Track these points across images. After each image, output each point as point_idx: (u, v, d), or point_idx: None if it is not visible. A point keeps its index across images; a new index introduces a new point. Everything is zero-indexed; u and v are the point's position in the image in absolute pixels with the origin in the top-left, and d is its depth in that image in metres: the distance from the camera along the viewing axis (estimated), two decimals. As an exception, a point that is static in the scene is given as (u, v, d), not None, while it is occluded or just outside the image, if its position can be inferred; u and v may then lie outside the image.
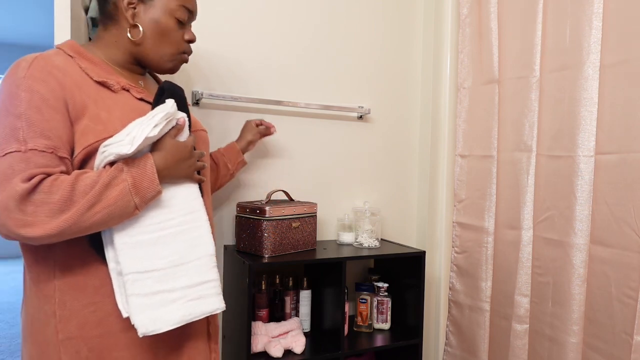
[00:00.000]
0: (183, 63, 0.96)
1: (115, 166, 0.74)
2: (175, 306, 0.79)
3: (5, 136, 0.71)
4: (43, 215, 0.69)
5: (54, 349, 0.77)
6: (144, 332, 0.75)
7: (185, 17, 0.91)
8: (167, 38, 0.90)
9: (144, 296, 0.76)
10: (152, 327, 0.76)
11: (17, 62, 0.76)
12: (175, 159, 0.81)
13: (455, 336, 1.76)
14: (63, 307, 0.77)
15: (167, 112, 0.78)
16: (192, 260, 0.82)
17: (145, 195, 0.76)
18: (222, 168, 1.38)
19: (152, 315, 0.76)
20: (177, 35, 0.91)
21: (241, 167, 1.45)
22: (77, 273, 0.78)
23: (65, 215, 0.70)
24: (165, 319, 0.77)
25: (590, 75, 1.28)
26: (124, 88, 0.85)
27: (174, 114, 0.81)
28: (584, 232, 1.30)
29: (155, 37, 0.88)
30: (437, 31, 1.83)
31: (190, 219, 0.84)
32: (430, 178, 1.85)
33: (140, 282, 0.76)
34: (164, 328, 0.77)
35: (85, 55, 0.83)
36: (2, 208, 0.68)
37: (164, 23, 0.88)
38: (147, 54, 0.90)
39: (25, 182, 0.69)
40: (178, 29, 0.91)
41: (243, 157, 1.43)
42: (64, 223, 0.70)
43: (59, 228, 0.69)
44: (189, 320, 0.80)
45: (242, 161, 1.43)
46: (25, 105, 0.72)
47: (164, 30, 0.89)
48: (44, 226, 0.69)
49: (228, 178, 1.42)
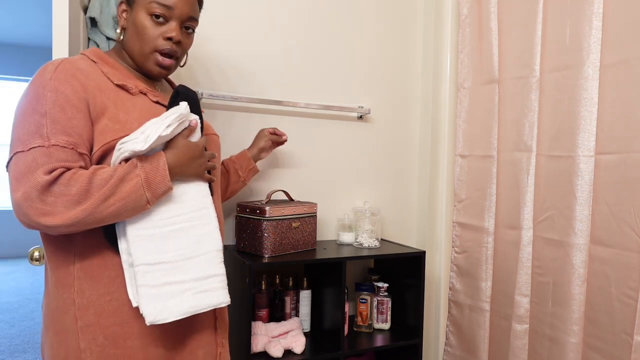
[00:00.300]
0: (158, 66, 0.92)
1: (130, 162, 0.79)
2: (183, 298, 0.82)
3: (31, 132, 0.76)
4: (61, 205, 0.74)
5: (72, 336, 0.81)
6: (152, 321, 0.79)
7: (160, 12, 0.88)
8: (142, 36, 0.89)
9: (153, 287, 0.80)
10: (160, 317, 0.79)
11: (44, 66, 0.81)
12: (186, 158, 0.85)
13: (455, 336, 1.76)
14: (82, 295, 0.82)
15: (180, 114, 0.82)
16: (200, 254, 0.86)
17: (156, 190, 0.80)
18: (233, 175, 1.39)
19: (160, 306, 0.80)
20: (152, 33, 0.89)
21: (253, 174, 1.44)
22: (94, 264, 0.83)
23: (81, 206, 0.74)
24: (172, 309, 0.81)
25: (590, 75, 1.28)
26: (141, 91, 0.90)
27: (187, 115, 0.85)
28: (584, 232, 1.30)
29: (133, 36, 0.90)
30: (437, 31, 1.83)
31: (199, 215, 0.88)
32: (430, 178, 1.85)
33: (150, 273, 0.80)
34: (170, 318, 0.80)
35: (107, 60, 0.90)
36: (25, 197, 0.73)
37: (139, 22, 0.89)
38: (131, 55, 0.92)
39: (47, 175, 0.74)
40: (154, 26, 0.89)
41: (255, 164, 1.43)
42: (81, 213, 0.74)
43: (76, 218, 0.74)
44: (195, 312, 0.83)
45: (253, 168, 1.43)
46: (50, 104, 0.77)
47: (139, 29, 0.89)
48: (62, 216, 0.74)
49: (240, 185, 1.42)
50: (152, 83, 0.98)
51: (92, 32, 1.25)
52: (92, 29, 1.26)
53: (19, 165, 0.75)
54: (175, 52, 0.92)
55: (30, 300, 3.79)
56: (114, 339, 0.82)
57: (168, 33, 0.90)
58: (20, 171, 0.75)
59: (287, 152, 1.68)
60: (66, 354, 0.82)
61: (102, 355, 0.81)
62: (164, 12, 0.89)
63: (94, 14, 1.22)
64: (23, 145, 0.76)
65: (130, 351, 0.83)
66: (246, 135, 1.55)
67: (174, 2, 0.89)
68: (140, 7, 0.89)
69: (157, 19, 0.89)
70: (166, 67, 0.92)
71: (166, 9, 0.89)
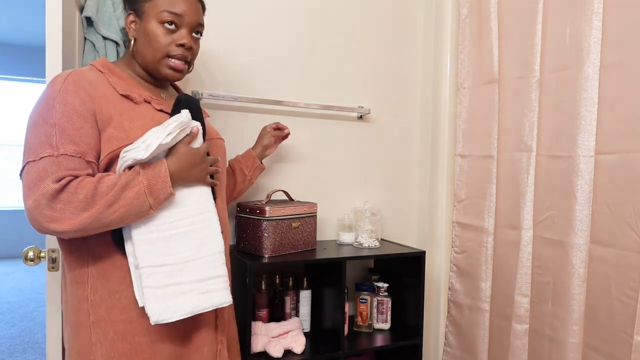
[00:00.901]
0: (172, 70, 0.97)
1: (133, 170, 0.83)
2: (186, 298, 0.86)
3: (41, 142, 0.81)
4: (69, 212, 0.78)
5: (85, 330, 0.87)
6: (156, 321, 0.83)
7: (171, 20, 0.94)
8: (154, 44, 0.94)
9: (157, 288, 0.84)
10: (164, 317, 0.83)
11: (55, 77, 0.87)
12: (187, 164, 0.89)
13: (454, 336, 1.76)
14: (94, 292, 0.87)
15: (181, 122, 0.86)
16: (202, 257, 0.89)
17: (158, 196, 0.84)
18: (239, 174, 1.40)
19: (164, 306, 0.84)
20: (164, 40, 0.94)
21: (259, 172, 1.45)
22: (105, 264, 0.88)
23: (88, 212, 0.79)
24: (175, 309, 0.84)
25: (590, 75, 1.28)
26: (145, 100, 0.94)
27: (188, 122, 0.88)
28: (584, 232, 1.30)
29: (145, 44, 0.95)
30: (437, 31, 1.83)
31: (201, 219, 0.91)
32: (430, 178, 1.85)
33: (154, 275, 0.84)
34: (173, 318, 0.84)
35: (114, 71, 0.95)
36: (35, 205, 0.78)
37: (151, 30, 0.94)
38: (143, 63, 0.97)
39: (56, 183, 0.78)
40: (166, 34, 0.94)
41: (260, 162, 1.43)
42: (87, 219, 0.79)
43: (83, 224, 0.79)
44: (197, 311, 0.87)
45: (259, 167, 1.43)
46: (59, 115, 0.82)
47: (151, 37, 0.94)
48: (69, 222, 0.78)
49: (247, 184, 1.43)
50: (158, 92, 1.02)
51: (88, 31, 1.24)
52: (88, 28, 1.24)
53: (31, 173, 0.80)
54: (187, 57, 0.98)
55: (30, 300, 3.79)
56: (122, 334, 0.87)
57: (180, 40, 0.95)
58: (32, 179, 0.79)
59: (287, 151, 1.68)
60: (80, 347, 0.87)
61: (111, 349, 0.86)
62: (175, 20, 0.94)
63: (90, 13, 1.21)
64: (34, 154, 0.80)
65: (137, 347, 0.87)
66: (246, 135, 1.55)
67: (184, 11, 0.95)
68: (151, 16, 0.94)
69: (168, 27, 0.94)
70: (180, 70, 0.98)
71: (177, 17, 0.94)
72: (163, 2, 0.93)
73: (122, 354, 0.86)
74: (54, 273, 1.08)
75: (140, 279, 0.84)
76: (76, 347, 0.88)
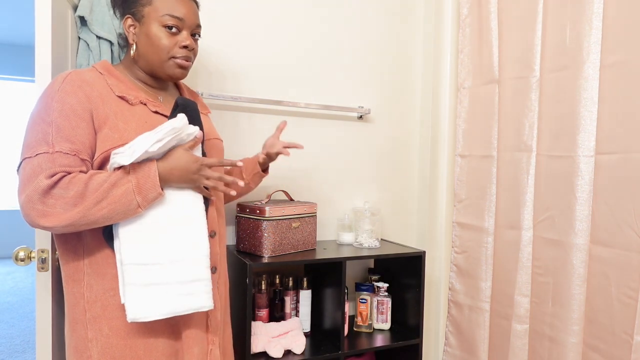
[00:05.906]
0: (180, 68, 1.00)
1: (123, 169, 0.85)
2: (166, 299, 0.87)
3: (38, 140, 0.83)
4: (59, 207, 0.80)
5: (82, 326, 0.89)
6: (132, 319, 0.84)
7: (173, 24, 0.96)
8: (157, 47, 0.96)
9: (139, 286, 0.85)
10: (140, 315, 0.84)
11: (55, 77, 0.89)
12: (180, 169, 0.89)
13: (455, 336, 1.76)
14: (90, 289, 0.89)
15: (174, 127, 0.86)
16: (186, 258, 0.90)
17: (147, 195, 0.85)
18: (238, 177, 1.35)
19: (143, 304, 0.85)
20: (167, 43, 0.96)
21: (258, 178, 1.35)
22: (99, 262, 0.90)
23: (77, 208, 0.81)
24: (154, 309, 0.85)
25: (590, 75, 1.28)
26: (141, 102, 0.95)
27: (182, 127, 0.88)
28: (584, 232, 1.30)
29: (148, 48, 0.97)
30: (437, 31, 1.83)
31: (189, 221, 0.92)
32: (430, 178, 1.85)
33: (137, 272, 0.85)
34: (150, 317, 0.85)
35: (113, 73, 0.96)
36: (28, 200, 0.80)
37: (153, 34, 0.96)
38: (147, 66, 0.99)
39: (48, 178, 0.80)
40: (168, 37, 0.96)
41: (259, 169, 1.33)
42: (75, 215, 0.81)
43: (72, 219, 0.81)
44: (176, 313, 0.88)
45: (258, 173, 1.33)
46: (56, 114, 0.84)
47: (153, 41, 0.96)
48: (59, 217, 0.80)
49: (245, 188, 1.35)
50: (156, 94, 1.03)
51: (82, 31, 1.23)
52: (82, 27, 1.23)
53: (26, 169, 0.82)
54: (190, 57, 1.01)
55: (30, 300, 3.79)
56: (118, 330, 0.89)
57: (183, 42, 0.98)
58: (27, 175, 0.81)
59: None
60: (77, 343, 0.90)
61: (106, 345, 0.88)
62: (176, 23, 0.97)
63: (84, 12, 1.20)
64: (31, 151, 0.83)
65: (132, 343, 0.89)
66: (246, 135, 1.55)
67: (184, 14, 0.97)
68: (152, 20, 0.96)
69: (170, 30, 0.96)
70: (185, 67, 1.01)
71: (178, 21, 0.97)
72: (163, 6, 0.95)
73: (117, 350, 0.88)
74: (44, 273, 1.05)
75: (123, 275, 0.85)
76: (73, 343, 0.90)
